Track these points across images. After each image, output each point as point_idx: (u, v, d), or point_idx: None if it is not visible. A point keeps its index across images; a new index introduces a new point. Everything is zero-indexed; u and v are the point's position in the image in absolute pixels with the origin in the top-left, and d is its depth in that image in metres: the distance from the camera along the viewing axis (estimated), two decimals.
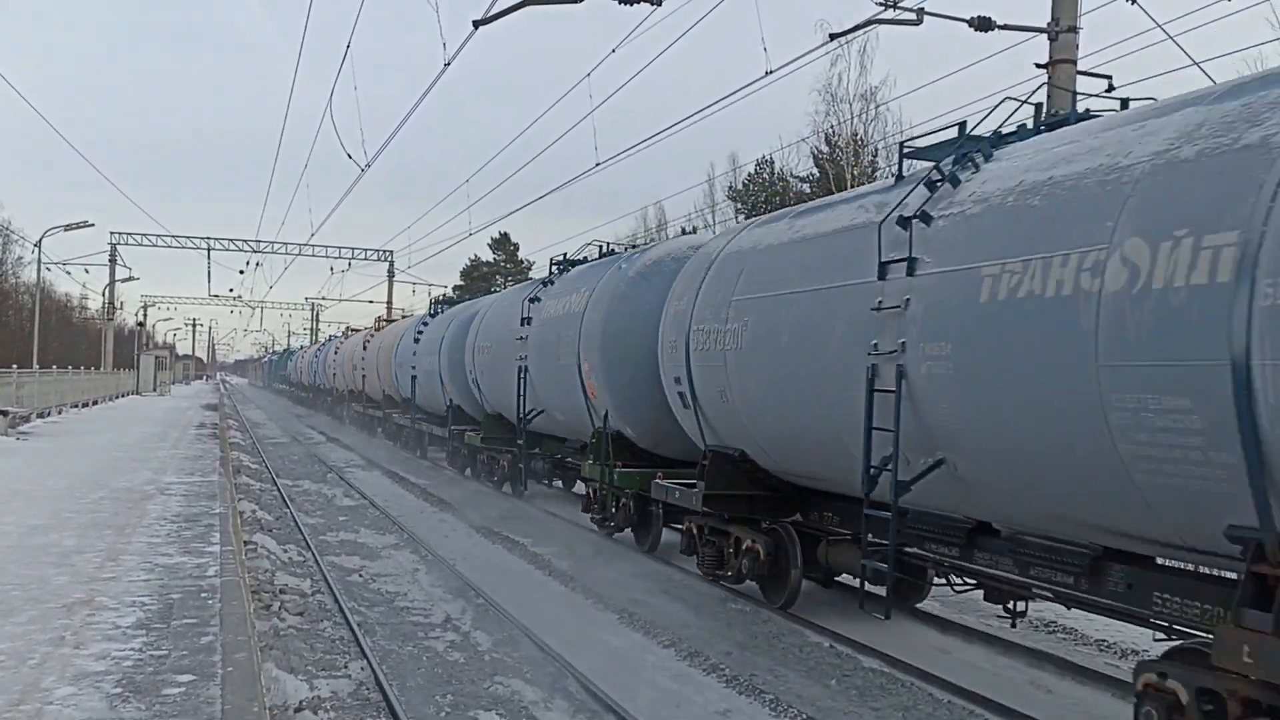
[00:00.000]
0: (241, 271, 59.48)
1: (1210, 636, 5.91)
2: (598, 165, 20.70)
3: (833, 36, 16.04)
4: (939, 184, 8.26)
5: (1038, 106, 8.64)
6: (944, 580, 9.02)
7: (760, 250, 10.76)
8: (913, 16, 13.66)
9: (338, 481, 22.90)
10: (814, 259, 9.64)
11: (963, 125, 8.59)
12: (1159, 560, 6.69)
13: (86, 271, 71.35)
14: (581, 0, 13.11)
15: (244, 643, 6.60)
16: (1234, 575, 5.81)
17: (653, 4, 12.74)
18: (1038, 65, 13.59)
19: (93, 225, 44.76)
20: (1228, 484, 5.55)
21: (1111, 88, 14.05)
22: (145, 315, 78.63)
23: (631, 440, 14.26)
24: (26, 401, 28.80)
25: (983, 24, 13.87)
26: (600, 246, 17.44)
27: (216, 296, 70.68)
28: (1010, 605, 8.93)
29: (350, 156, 25.16)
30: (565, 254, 18.37)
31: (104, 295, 58.47)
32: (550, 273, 18.35)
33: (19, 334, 53.80)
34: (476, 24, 13.45)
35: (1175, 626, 6.55)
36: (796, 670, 8.74)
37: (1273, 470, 5.30)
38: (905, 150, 9.40)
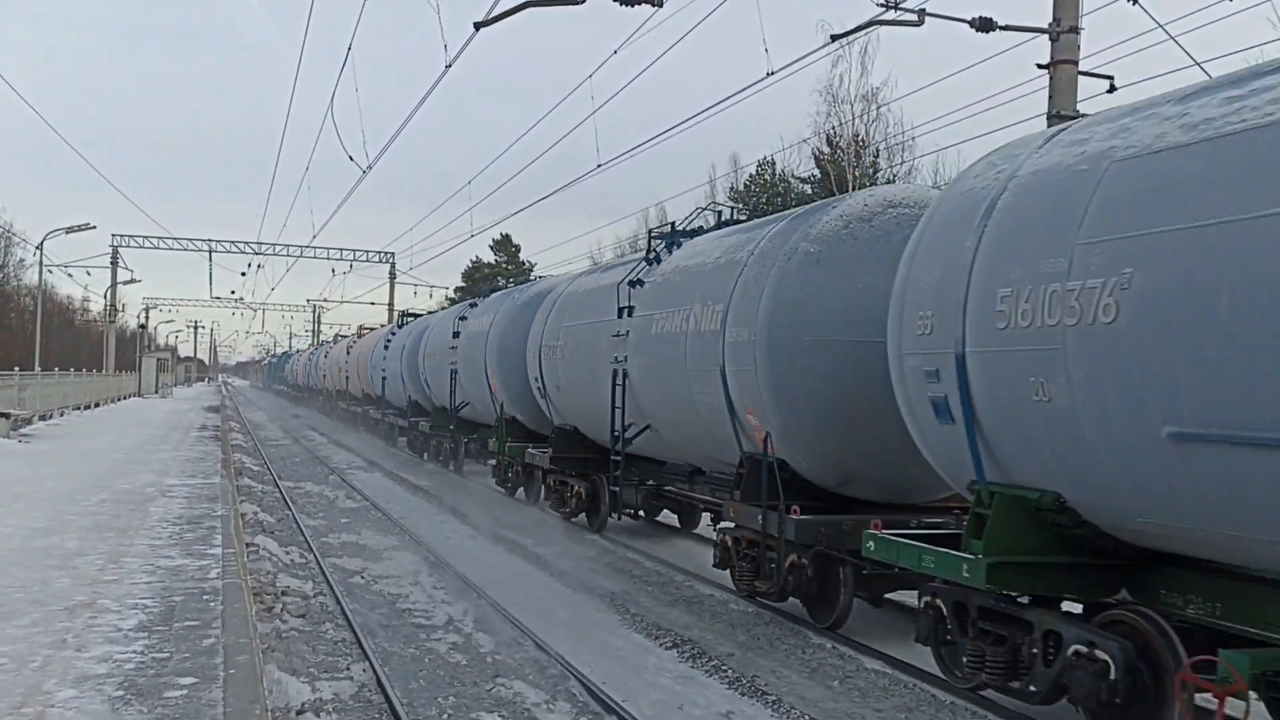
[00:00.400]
0: (243, 273, 59.41)
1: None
2: (599, 166, 20.70)
3: (834, 38, 16.01)
4: (651, 261, 13.69)
5: (718, 213, 13.58)
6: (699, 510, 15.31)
7: (579, 293, 16.23)
8: (914, 17, 13.64)
9: (339, 483, 22.92)
10: (597, 302, 14.87)
11: (674, 225, 14.11)
12: None
13: (88, 274, 71.32)
14: (583, 1, 13.10)
15: (246, 645, 6.60)
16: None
17: (654, 5, 12.73)
18: (1039, 66, 13.58)
19: (94, 228, 44.91)
20: (731, 431, 10.90)
21: (1113, 88, 14.11)
22: (147, 317, 78.63)
23: (522, 423, 19.39)
24: (28, 404, 28.82)
25: (984, 25, 13.85)
26: (512, 279, 24.35)
27: (218, 298, 70.70)
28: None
29: (351, 158, 25.24)
30: (495, 283, 26.50)
31: (105, 297, 58.56)
32: (474, 298, 24.42)
33: (21, 336, 53.87)
34: (478, 25, 13.45)
35: None
36: (799, 672, 8.73)
37: (739, 421, 10.67)
38: (652, 234, 14.52)
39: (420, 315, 34.64)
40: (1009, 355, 6.90)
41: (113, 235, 55.92)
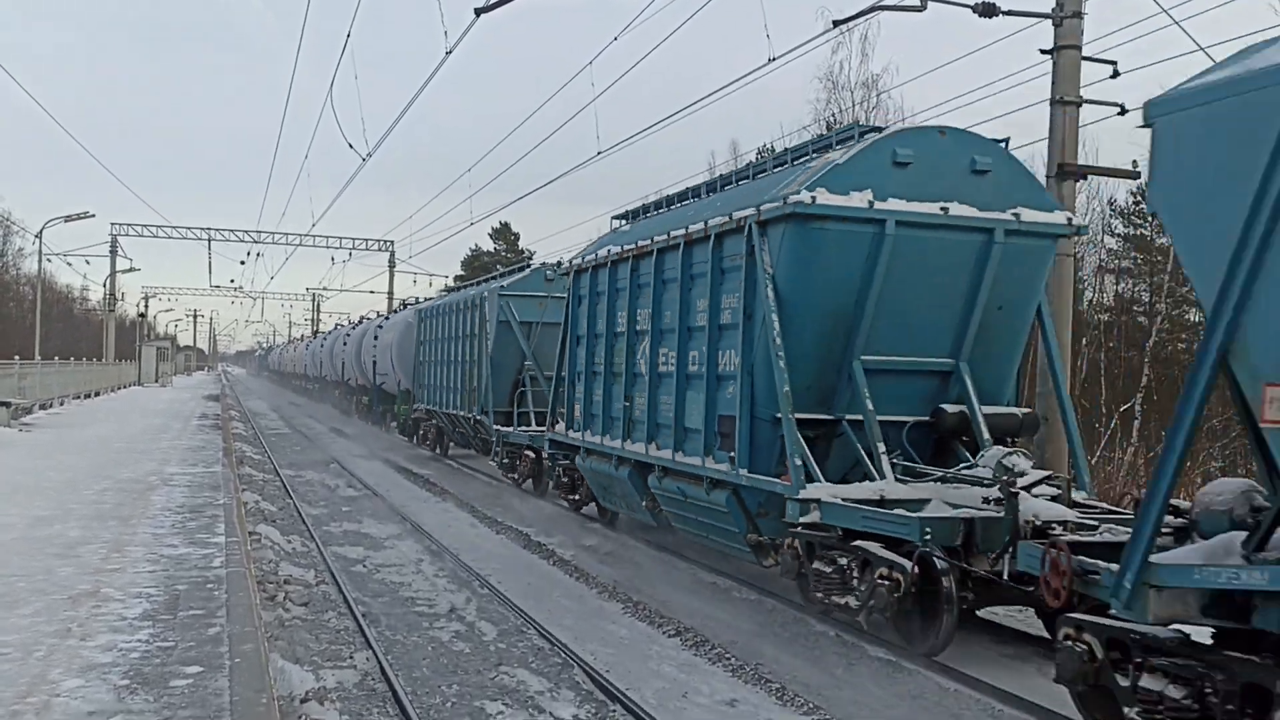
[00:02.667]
0: (242, 262, 59.35)
1: None
2: (599, 154, 20.66)
3: (835, 23, 15.92)
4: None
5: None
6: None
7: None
8: (916, 2, 13.55)
9: (329, 446, 22.95)
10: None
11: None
12: None
13: (87, 263, 71.20)
14: None
15: (251, 634, 6.60)
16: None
17: None
18: (1042, 51, 13.51)
19: (93, 216, 44.61)
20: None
21: (1116, 74, 14.04)
22: (146, 306, 78.58)
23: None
24: (29, 393, 28.80)
25: (986, 9, 13.75)
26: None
27: (217, 287, 70.72)
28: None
29: (351, 146, 25.25)
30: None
31: (105, 286, 58.45)
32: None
33: (20, 326, 53.84)
34: (478, 11, 13.39)
35: None
36: (802, 659, 8.74)
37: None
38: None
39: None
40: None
41: (111, 224, 55.78)
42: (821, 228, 9.72)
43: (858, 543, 8.91)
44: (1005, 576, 7.88)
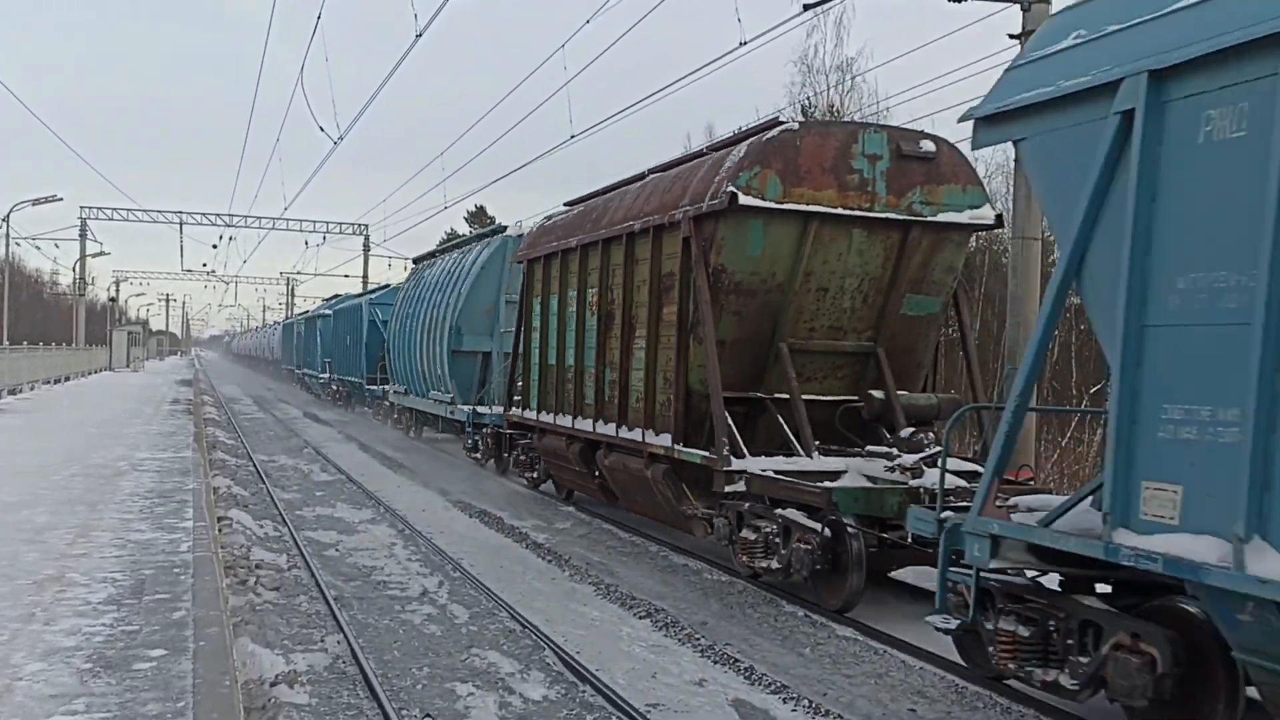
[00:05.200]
0: (214, 246, 59.07)
1: None
2: (573, 137, 20.61)
3: (806, 6, 15.87)
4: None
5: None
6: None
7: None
8: None
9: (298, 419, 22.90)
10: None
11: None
12: None
13: (57, 246, 70.83)
14: None
15: (216, 617, 6.59)
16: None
17: None
18: (1011, 36, 13.56)
19: (61, 200, 44.14)
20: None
21: None
22: (117, 290, 77.90)
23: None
24: None
25: None
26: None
27: (190, 271, 70.09)
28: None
29: (322, 129, 25.13)
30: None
31: (75, 270, 57.81)
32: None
33: None
34: None
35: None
36: (770, 639, 8.81)
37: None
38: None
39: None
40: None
41: (81, 207, 55.19)
42: None
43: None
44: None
